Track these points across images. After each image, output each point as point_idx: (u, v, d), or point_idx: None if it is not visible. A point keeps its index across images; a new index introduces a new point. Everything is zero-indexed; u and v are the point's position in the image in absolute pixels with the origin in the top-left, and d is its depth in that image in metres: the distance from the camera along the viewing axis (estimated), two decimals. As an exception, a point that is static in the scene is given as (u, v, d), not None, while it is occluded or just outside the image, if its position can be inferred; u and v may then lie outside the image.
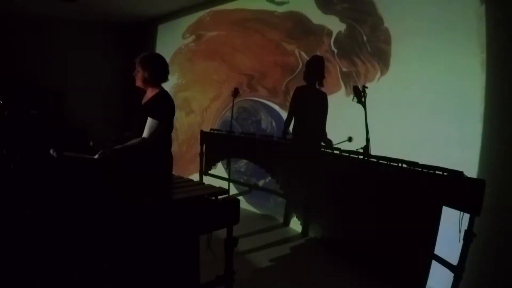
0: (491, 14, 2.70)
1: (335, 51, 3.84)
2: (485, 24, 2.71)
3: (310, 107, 3.78)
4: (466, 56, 2.81)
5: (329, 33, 3.89)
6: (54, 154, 2.30)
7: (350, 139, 3.46)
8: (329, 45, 3.90)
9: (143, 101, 2.72)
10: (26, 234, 1.54)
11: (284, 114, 4.37)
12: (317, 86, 3.75)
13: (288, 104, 4.27)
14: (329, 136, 3.77)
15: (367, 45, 3.55)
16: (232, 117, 4.34)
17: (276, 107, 4.51)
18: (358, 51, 3.63)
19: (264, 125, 4.68)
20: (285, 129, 3.94)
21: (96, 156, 2.30)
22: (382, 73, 3.43)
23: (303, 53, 4.18)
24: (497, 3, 2.71)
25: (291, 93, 4.15)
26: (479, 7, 2.75)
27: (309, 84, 3.77)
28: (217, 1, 5.24)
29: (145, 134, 2.55)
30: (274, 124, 4.55)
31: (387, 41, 3.38)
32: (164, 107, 2.62)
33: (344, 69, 3.76)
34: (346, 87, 3.73)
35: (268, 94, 4.62)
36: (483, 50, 2.72)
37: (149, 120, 2.54)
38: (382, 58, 3.43)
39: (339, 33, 3.81)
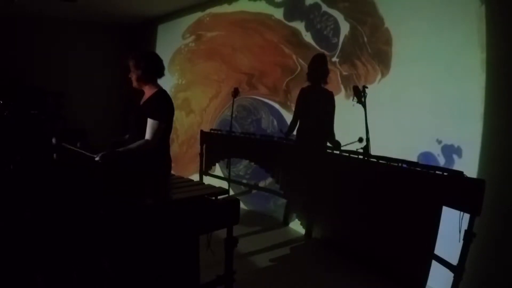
0: (491, 14, 2.70)
1: (337, 60, 3.81)
2: (485, 24, 2.71)
3: (315, 108, 3.71)
4: (466, 56, 2.81)
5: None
6: (54, 141, 2.29)
7: (360, 140, 3.28)
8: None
9: (142, 102, 2.68)
10: (26, 234, 1.54)
11: (284, 113, 4.36)
12: (322, 85, 3.67)
13: (289, 103, 4.27)
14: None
15: (368, 47, 3.54)
16: (232, 116, 4.33)
17: (277, 106, 4.50)
18: (358, 53, 3.60)
19: (264, 124, 4.66)
20: (288, 132, 3.86)
21: (96, 158, 2.28)
22: (383, 75, 3.41)
23: (300, 60, 4.16)
24: (497, 3, 2.71)
25: (292, 92, 4.13)
26: (479, 7, 2.75)
27: (313, 84, 3.71)
28: (217, 1, 5.24)
29: (147, 136, 2.49)
30: (275, 123, 4.53)
31: (388, 42, 3.37)
32: (163, 106, 2.58)
33: (345, 73, 3.73)
34: (346, 89, 3.71)
35: (269, 93, 4.60)
36: (483, 50, 2.71)
37: (150, 121, 2.49)
38: (382, 60, 3.41)
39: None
